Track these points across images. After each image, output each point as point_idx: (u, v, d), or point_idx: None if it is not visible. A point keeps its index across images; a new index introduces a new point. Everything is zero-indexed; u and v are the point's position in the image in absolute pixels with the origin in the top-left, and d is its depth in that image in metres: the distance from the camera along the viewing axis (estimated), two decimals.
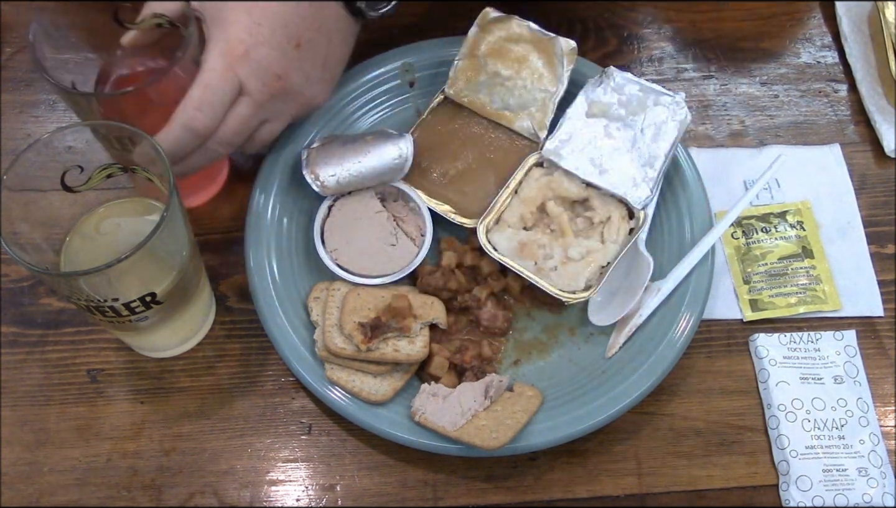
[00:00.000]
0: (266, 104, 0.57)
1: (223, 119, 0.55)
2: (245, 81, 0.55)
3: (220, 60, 0.54)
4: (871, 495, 0.58)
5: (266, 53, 0.55)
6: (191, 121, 0.53)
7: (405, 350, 0.59)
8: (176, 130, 0.53)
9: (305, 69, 0.58)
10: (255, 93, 0.56)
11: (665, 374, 0.60)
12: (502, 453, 0.57)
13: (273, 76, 0.56)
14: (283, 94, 0.58)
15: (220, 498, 0.59)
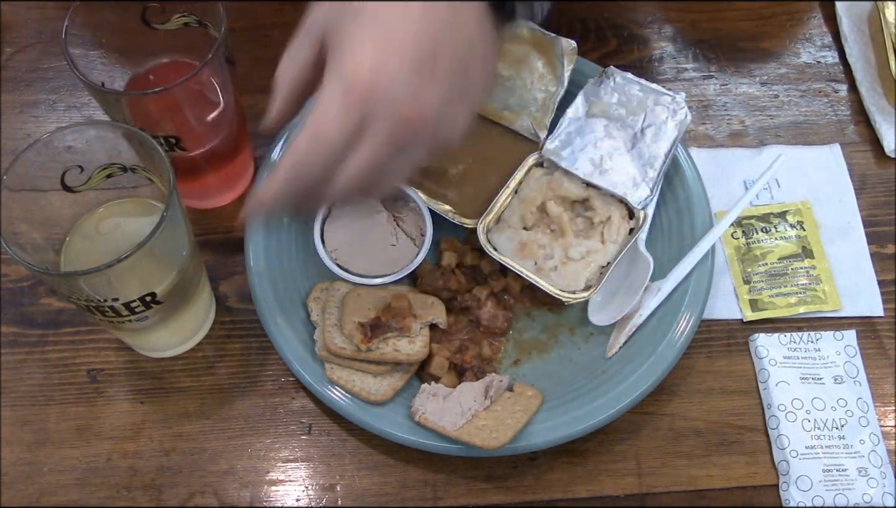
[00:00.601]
0: (393, 145, 0.47)
1: (342, 163, 0.46)
2: (368, 119, 0.45)
3: (339, 96, 0.45)
4: (871, 495, 0.58)
5: (394, 89, 0.45)
6: (300, 165, 0.46)
7: (405, 350, 0.59)
8: (283, 176, 0.46)
9: (440, 103, 0.47)
10: (380, 133, 0.46)
11: (665, 374, 0.60)
12: (502, 453, 0.57)
13: (401, 115, 0.46)
14: (414, 132, 0.47)
15: (220, 498, 0.59)
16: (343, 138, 0.45)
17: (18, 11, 0.78)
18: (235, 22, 0.77)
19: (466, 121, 0.50)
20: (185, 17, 0.57)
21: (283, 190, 0.46)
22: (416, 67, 0.45)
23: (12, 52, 0.76)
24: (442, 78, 0.46)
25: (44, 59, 0.76)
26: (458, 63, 0.47)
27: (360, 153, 0.46)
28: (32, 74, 0.75)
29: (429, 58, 0.46)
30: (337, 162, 0.46)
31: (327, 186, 0.47)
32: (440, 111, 0.47)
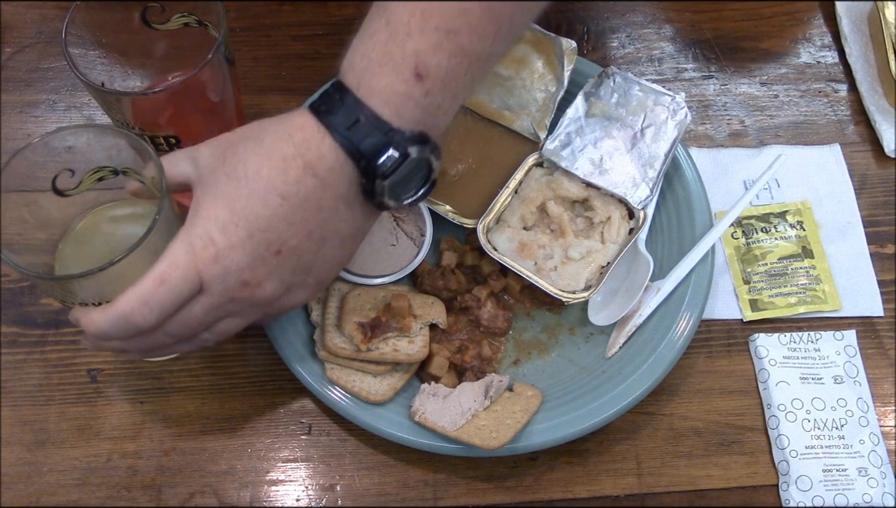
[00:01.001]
0: (227, 306, 0.49)
1: (176, 314, 0.48)
2: (208, 283, 0.47)
3: (185, 257, 0.46)
4: (871, 495, 0.58)
5: (237, 260, 0.47)
6: (132, 314, 0.46)
7: (405, 350, 0.59)
8: (112, 317, 0.46)
9: (283, 278, 0.49)
10: (216, 296, 0.48)
11: (665, 374, 0.60)
12: (502, 453, 0.57)
13: (240, 283, 0.48)
14: (250, 300, 0.49)
15: (220, 498, 0.59)
16: (179, 298, 0.47)
17: (18, 11, 0.78)
18: (235, 22, 0.77)
19: (310, 294, 0.53)
20: (185, 17, 0.57)
21: (110, 329, 0.47)
22: (264, 243, 0.47)
23: (12, 52, 0.76)
24: (287, 256, 0.48)
25: (44, 59, 0.76)
26: (304, 255, 0.49)
27: (192, 307, 0.48)
28: (32, 74, 0.75)
29: (277, 237, 0.47)
30: (167, 316, 0.47)
31: (157, 331, 0.48)
32: (282, 284, 0.50)
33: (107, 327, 0.47)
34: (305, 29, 0.77)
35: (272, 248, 0.47)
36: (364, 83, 0.46)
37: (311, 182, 0.46)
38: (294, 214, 0.47)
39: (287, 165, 0.46)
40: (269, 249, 0.47)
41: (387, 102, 0.46)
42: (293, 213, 0.47)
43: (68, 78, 0.75)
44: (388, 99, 0.46)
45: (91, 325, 0.47)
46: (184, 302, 0.47)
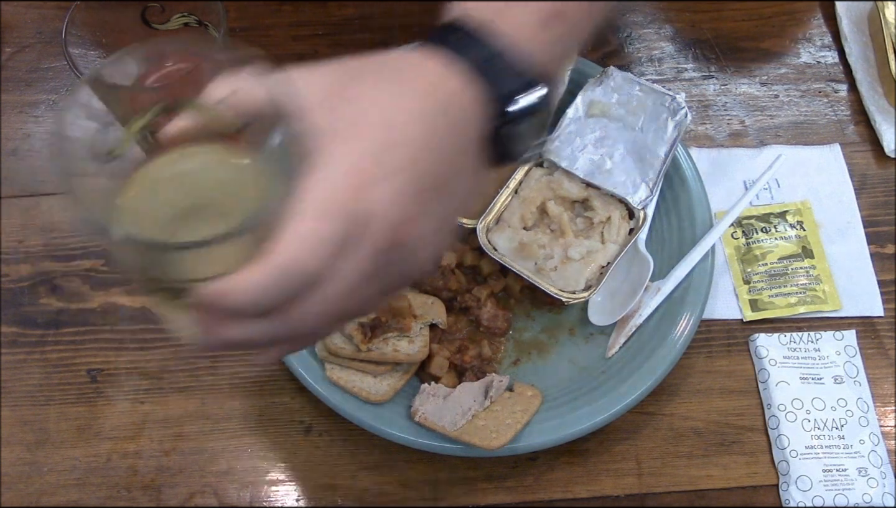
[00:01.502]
0: (377, 260, 0.39)
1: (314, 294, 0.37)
2: (360, 223, 0.37)
3: (335, 191, 0.37)
4: (871, 495, 0.58)
5: (391, 191, 0.38)
6: (295, 263, 0.35)
7: (405, 350, 0.59)
8: (271, 273, 0.35)
9: (428, 222, 0.41)
10: (368, 242, 0.38)
11: (665, 374, 0.60)
12: (502, 453, 0.57)
13: (392, 224, 0.38)
14: (398, 250, 0.39)
15: (220, 498, 0.59)
16: (338, 239, 0.36)
17: (18, 11, 0.78)
18: (235, 22, 0.77)
19: (440, 254, 0.45)
20: (185, 17, 0.57)
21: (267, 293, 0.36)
22: (415, 176, 0.39)
23: (12, 52, 0.76)
24: (432, 196, 0.40)
25: (44, 59, 0.76)
26: (451, 184, 0.42)
27: (347, 261, 0.37)
28: (32, 74, 0.75)
29: (427, 170, 0.39)
30: (327, 266, 0.37)
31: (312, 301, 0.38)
32: (425, 231, 0.41)
33: (263, 288, 0.35)
34: (305, 29, 0.77)
35: (422, 182, 0.40)
36: (497, 21, 0.41)
37: (443, 122, 0.40)
38: (440, 143, 0.40)
39: (422, 105, 0.40)
40: (418, 183, 0.39)
41: (521, 42, 0.41)
42: (430, 154, 0.40)
43: (68, 78, 0.75)
44: (523, 40, 0.41)
45: (235, 295, 0.35)
46: (347, 241, 0.37)
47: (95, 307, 0.65)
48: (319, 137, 0.38)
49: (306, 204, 0.36)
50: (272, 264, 0.35)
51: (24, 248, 0.67)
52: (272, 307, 0.36)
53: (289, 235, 0.35)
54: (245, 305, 0.35)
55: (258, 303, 0.36)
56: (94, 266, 0.67)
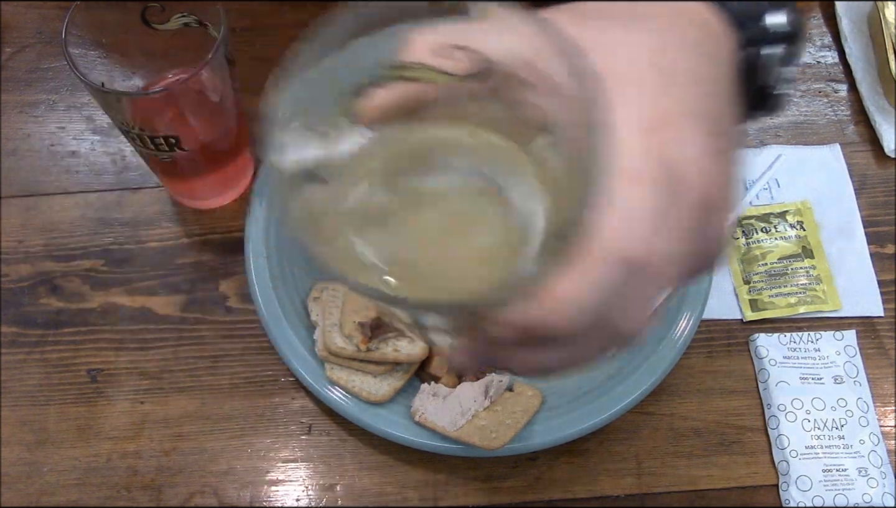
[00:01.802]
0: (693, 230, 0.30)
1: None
2: (677, 175, 0.29)
3: (641, 140, 0.29)
4: (871, 495, 0.58)
5: (692, 132, 0.30)
6: (628, 248, 0.28)
7: (405, 350, 0.59)
8: (602, 270, 0.27)
9: (726, 171, 0.32)
10: (691, 197, 0.29)
11: (665, 374, 0.60)
12: (502, 453, 0.57)
13: (709, 178, 0.30)
14: (714, 214, 0.31)
15: (220, 498, 0.59)
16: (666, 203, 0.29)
17: (18, 11, 0.78)
18: (235, 22, 0.77)
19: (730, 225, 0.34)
20: (185, 17, 0.57)
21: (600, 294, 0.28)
22: (709, 116, 0.31)
23: (12, 52, 0.76)
24: (724, 139, 0.32)
25: (44, 59, 0.76)
26: (733, 132, 0.34)
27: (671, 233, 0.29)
28: (32, 74, 0.75)
29: (715, 109, 0.32)
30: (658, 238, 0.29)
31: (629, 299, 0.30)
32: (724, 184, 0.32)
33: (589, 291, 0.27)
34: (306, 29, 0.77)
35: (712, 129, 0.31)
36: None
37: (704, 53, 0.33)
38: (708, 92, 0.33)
39: (680, 36, 0.33)
40: (713, 122, 0.32)
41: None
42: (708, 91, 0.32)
43: (68, 78, 0.75)
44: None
45: (562, 306, 0.27)
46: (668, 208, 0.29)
47: (95, 307, 0.65)
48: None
49: (618, 165, 0.27)
50: (599, 259, 0.27)
51: (24, 248, 0.67)
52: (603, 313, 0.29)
53: (614, 220, 0.27)
54: (566, 318, 0.28)
55: (585, 316, 0.28)
56: (94, 266, 0.67)
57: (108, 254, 0.67)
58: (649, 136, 0.29)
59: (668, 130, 0.29)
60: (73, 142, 0.72)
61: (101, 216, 0.68)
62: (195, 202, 0.69)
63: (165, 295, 0.66)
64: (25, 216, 0.69)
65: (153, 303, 0.65)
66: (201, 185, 0.66)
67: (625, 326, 0.30)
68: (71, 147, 0.72)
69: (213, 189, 0.68)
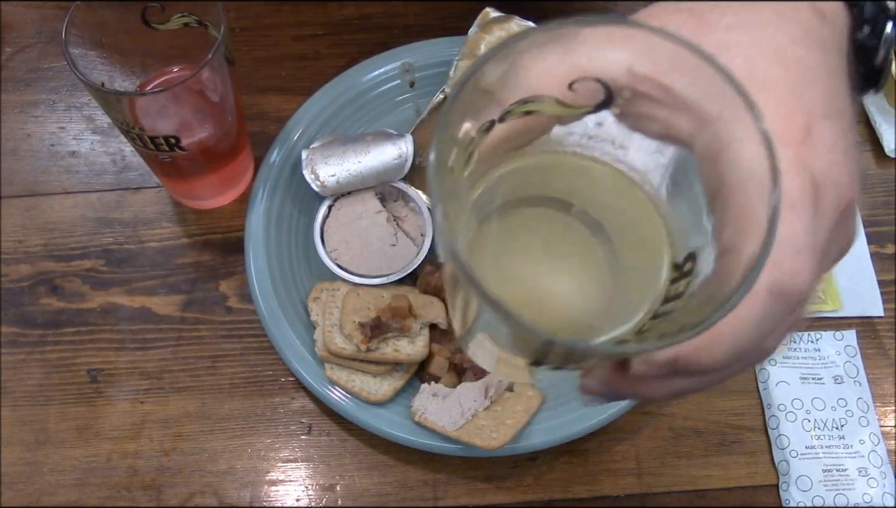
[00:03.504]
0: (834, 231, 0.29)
1: None
2: (821, 183, 0.28)
3: (782, 151, 0.25)
4: (871, 495, 0.58)
5: (835, 132, 0.29)
6: (790, 280, 0.27)
7: (405, 350, 0.59)
8: (760, 307, 0.27)
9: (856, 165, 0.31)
10: (829, 209, 0.29)
11: None
12: (502, 453, 0.57)
13: (849, 175, 0.30)
14: (851, 212, 0.30)
15: (220, 498, 0.59)
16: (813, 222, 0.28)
17: (18, 11, 0.78)
18: (235, 22, 0.77)
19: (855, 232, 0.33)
20: (185, 17, 0.57)
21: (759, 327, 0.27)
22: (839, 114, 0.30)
23: (12, 52, 0.76)
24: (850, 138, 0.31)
25: (44, 59, 0.76)
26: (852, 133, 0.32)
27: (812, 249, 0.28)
28: (32, 74, 0.75)
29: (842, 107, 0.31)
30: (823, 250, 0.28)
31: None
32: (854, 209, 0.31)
33: (747, 329, 0.27)
34: (305, 29, 0.77)
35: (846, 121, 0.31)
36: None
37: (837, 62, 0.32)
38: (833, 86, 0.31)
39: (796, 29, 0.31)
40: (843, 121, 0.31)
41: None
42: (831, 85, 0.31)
43: (68, 78, 0.75)
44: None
45: (710, 347, 0.27)
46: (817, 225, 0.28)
47: (95, 307, 0.65)
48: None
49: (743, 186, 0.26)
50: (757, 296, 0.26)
51: (24, 248, 0.67)
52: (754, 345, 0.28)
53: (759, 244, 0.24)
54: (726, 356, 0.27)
55: (743, 349, 0.27)
56: (94, 266, 0.67)
57: (108, 254, 0.67)
58: (798, 148, 0.28)
59: (810, 138, 0.28)
60: (73, 142, 0.72)
61: (101, 216, 0.68)
62: (195, 202, 0.69)
63: (165, 295, 0.66)
64: (25, 216, 0.69)
65: (153, 303, 0.65)
66: (201, 185, 0.66)
67: (769, 349, 0.29)
68: (71, 147, 0.72)
69: (213, 189, 0.68)
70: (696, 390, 0.30)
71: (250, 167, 0.70)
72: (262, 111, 0.73)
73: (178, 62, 0.61)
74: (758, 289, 0.25)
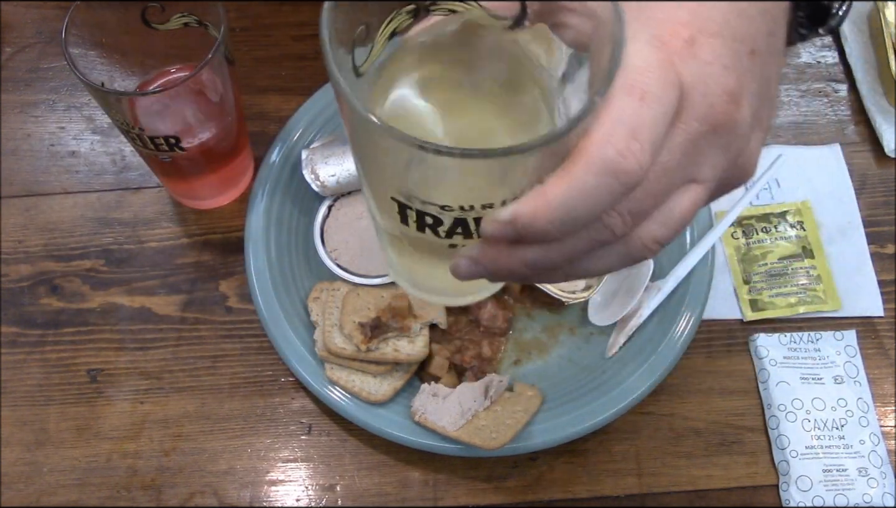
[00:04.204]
0: (701, 144, 0.31)
1: None
2: (688, 90, 0.30)
3: (654, 52, 0.30)
4: (871, 495, 0.58)
5: (718, 50, 0.31)
6: (621, 157, 0.28)
7: (405, 350, 0.59)
8: (591, 177, 0.28)
9: (756, 95, 0.33)
10: (698, 117, 0.30)
11: (665, 374, 0.60)
12: (502, 453, 0.57)
13: (724, 93, 0.31)
14: (729, 131, 0.31)
15: (220, 498, 0.59)
16: (667, 116, 0.29)
17: (18, 11, 0.78)
18: (235, 22, 0.77)
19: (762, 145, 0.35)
20: (185, 17, 0.57)
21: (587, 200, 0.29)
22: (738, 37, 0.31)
23: (12, 52, 0.76)
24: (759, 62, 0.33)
25: (44, 59, 0.76)
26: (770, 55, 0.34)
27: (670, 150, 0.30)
28: (32, 74, 0.75)
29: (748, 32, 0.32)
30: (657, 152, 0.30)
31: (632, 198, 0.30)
32: (754, 108, 0.32)
33: (578, 196, 0.28)
34: (305, 29, 0.77)
35: (746, 45, 0.32)
36: None
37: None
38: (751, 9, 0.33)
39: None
40: (743, 44, 0.32)
41: None
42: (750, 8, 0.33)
43: (68, 78, 0.75)
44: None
45: (545, 210, 0.29)
46: (668, 127, 0.30)
47: (95, 307, 0.65)
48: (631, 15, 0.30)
49: (622, 75, 0.28)
50: (584, 169, 0.28)
51: (24, 248, 0.67)
52: (589, 212, 0.29)
53: (609, 122, 0.28)
54: (548, 220, 0.29)
55: (567, 214, 0.29)
56: (94, 266, 0.67)
57: (108, 254, 0.67)
58: (673, 54, 0.29)
59: (691, 48, 0.30)
60: (73, 142, 0.72)
61: (101, 216, 0.69)
62: (195, 202, 0.69)
63: (165, 295, 0.66)
64: (25, 216, 0.69)
65: (153, 303, 0.65)
66: (201, 185, 0.66)
67: (614, 228, 0.31)
68: (71, 147, 0.72)
69: (213, 189, 0.68)
70: (547, 263, 0.31)
71: (250, 167, 0.70)
72: (262, 111, 0.73)
73: (178, 62, 0.61)
74: (591, 159, 0.28)
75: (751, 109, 0.32)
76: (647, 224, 0.31)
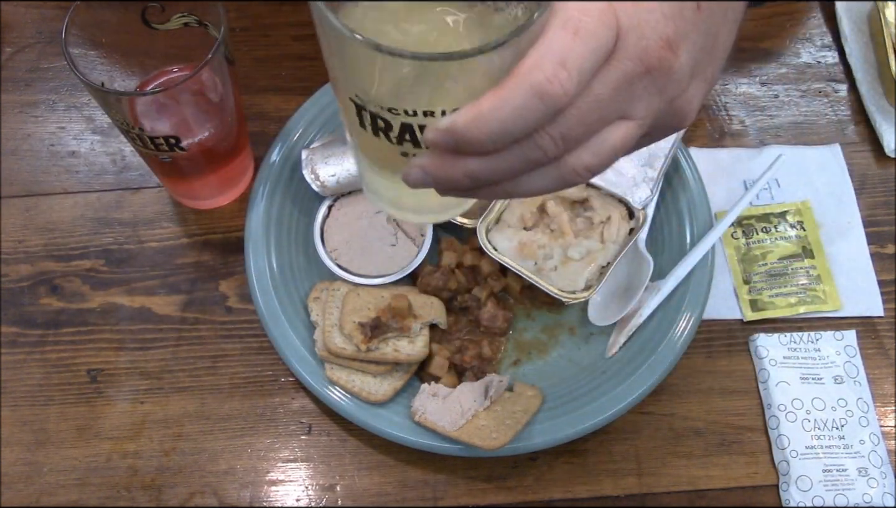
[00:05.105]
0: (635, 84, 0.34)
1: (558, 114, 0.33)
2: (625, 35, 0.33)
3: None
4: (871, 495, 0.58)
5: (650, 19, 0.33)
6: (548, 82, 0.31)
7: (405, 350, 0.59)
8: (519, 94, 0.31)
9: (695, 47, 0.35)
10: (632, 59, 0.33)
11: (665, 374, 0.60)
12: (502, 453, 0.57)
13: (660, 40, 0.33)
14: (663, 75, 0.34)
15: (220, 498, 0.59)
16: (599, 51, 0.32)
17: (18, 11, 0.78)
18: (235, 22, 0.77)
19: (704, 95, 0.38)
20: (185, 17, 0.57)
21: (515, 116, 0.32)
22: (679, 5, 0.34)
23: (12, 52, 0.76)
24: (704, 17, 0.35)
25: (44, 59, 0.76)
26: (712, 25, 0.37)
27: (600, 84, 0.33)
28: (32, 74, 0.75)
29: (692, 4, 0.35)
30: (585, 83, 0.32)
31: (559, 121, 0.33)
32: (694, 59, 0.35)
33: (508, 112, 0.31)
34: (305, 29, 0.77)
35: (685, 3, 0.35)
36: None
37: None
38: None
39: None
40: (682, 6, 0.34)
41: None
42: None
43: (68, 78, 0.75)
44: None
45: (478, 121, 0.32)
46: (600, 63, 0.33)
47: (95, 307, 0.65)
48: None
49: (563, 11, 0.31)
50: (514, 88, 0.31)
51: (24, 248, 0.67)
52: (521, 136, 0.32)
53: (541, 50, 0.31)
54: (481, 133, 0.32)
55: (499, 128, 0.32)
56: (94, 266, 0.67)
57: (108, 254, 0.67)
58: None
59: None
60: (73, 142, 0.72)
61: (101, 216, 0.69)
62: (195, 202, 0.69)
63: (165, 295, 0.66)
64: (25, 216, 0.69)
65: (153, 303, 0.65)
66: (201, 185, 0.66)
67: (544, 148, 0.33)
68: (71, 147, 0.72)
69: (213, 189, 0.68)
70: (486, 175, 0.34)
71: (250, 167, 0.70)
72: (262, 111, 0.73)
73: (178, 62, 0.61)
74: (521, 80, 0.31)
75: (690, 59, 0.35)
76: (579, 151, 0.34)
